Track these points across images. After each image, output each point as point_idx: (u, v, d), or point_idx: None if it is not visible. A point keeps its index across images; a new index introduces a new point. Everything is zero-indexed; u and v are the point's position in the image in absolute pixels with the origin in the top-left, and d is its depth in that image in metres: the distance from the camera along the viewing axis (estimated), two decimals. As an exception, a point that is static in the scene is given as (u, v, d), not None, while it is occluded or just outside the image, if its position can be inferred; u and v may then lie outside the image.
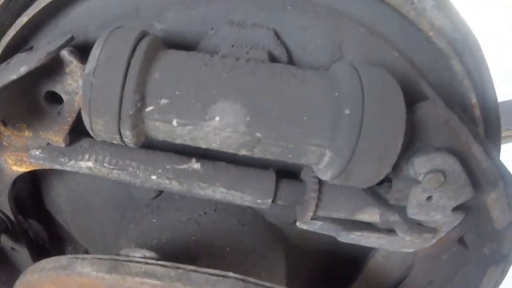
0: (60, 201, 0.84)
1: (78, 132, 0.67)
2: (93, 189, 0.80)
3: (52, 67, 0.61)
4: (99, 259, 0.58)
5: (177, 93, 0.55)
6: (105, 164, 0.66)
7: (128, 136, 0.57)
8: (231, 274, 0.58)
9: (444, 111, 0.64)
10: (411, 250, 0.77)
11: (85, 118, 0.56)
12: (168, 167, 0.66)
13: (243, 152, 0.59)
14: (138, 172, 0.66)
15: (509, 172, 0.70)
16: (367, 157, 0.56)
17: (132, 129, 0.56)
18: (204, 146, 0.59)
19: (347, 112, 0.55)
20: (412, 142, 0.65)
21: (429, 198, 0.69)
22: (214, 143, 0.58)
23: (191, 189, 0.66)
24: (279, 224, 0.82)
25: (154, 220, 0.76)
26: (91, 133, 0.58)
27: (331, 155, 0.57)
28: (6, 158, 0.70)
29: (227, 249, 0.73)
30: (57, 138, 0.66)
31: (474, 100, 0.80)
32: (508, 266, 0.83)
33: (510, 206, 0.69)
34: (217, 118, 0.55)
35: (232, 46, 0.64)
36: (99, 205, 0.82)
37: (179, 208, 0.76)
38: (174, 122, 0.56)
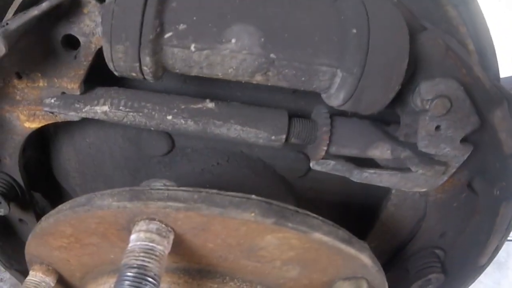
0: (69, 167, 0.84)
1: (92, 81, 0.69)
2: (104, 150, 0.80)
3: (70, 9, 0.62)
4: (120, 191, 0.58)
5: (194, 18, 0.58)
6: (120, 107, 0.67)
7: (148, 64, 0.58)
8: (253, 196, 0.58)
9: (443, 39, 0.67)
10: (424, 189, 0.78)
11: (106, 47, 0.57)
12: (183, 107, 0.67)
13: (258, 77, 0.60)
14: (153, 113, 0.67)
15: (508, 93, 0.72)
16: (376, 75, 0.58)
17: (152, 55, 0.57)
18: (220, 74, 0.60)
19: (354, 31, 0.58)
20: (416, 73, 0.68)
21: (437, 128, 0.71)
22: (230, 68, 0.59)
23: (206, 128, 0.67)
24: (289, 177, 0.82)
25: (167, 173, 0.76)
26: (110, 65, 0.59)
27: (342, 75, 0.59)
28: (18, 113, 0.71)
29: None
30: (72, 85, 0.67)
31: (471, 46, 0.84)
32: (518, 204, 0.84)
33: None
34: (233, 40, 0.57)
35: None
36: (110, 167, 0.81)
37: (192, 160, 0.76)
38: (192, 47, 0.58)
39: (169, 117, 0.67)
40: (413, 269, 0.91)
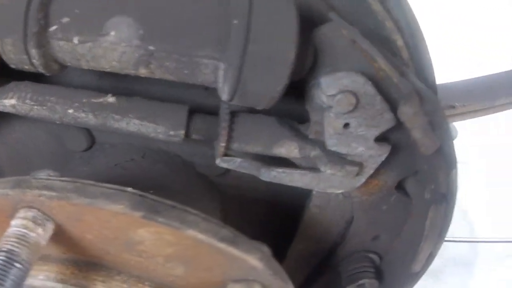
0: (2, 162, 0.87)
1: (5, 76, 0.71)
2: (30, 146, 0.82)
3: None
4: (7, 179, 0.60)
5: (77, 11, 0.59)
6: (26, 101, 0.69)
7: (35, 57, 0.59)
8: (129, 189, 0.58)
9: (348, 32, 0.64)
10: (340, 191, 0.75)
11: None
12: (84, 101, 0.68)
13: (142, 70, 0.60)
14: (56, 106, 0.68)
15: (427, 89, 0.68)
16: (257, 65, 0.57)
17: (38, 48, 0.59)
18: (107, 67, 0.61)
19: (235, 22, 0.57)
20: (317, 66, 0.65)
21: (346, 125, 0.69)
22: (113, 61, 0.60)
23: (105, 122, 0.68)
24: (210, 174, 0.81)
25: (84, 168, 0.77)
26: (4, 57, 0.61)
27: (224, 67, 0.58)
28: None
29: (151, 191, 0.73)
30: (-16, 78, 0.69)
31: (400, 42, 0.81)
32: (450, 208, 0.79)
33: (435, 127, 0.67)
34: (112, 33, 0.58)
35: None
36: (38, 162, 0.83)
37: (108, 155, 0.77)
38: (75, 40, 0.59)
39: (71, 111, 0.68)
40: (345, 273, 0.88)
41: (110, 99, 0.68)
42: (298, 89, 0.70)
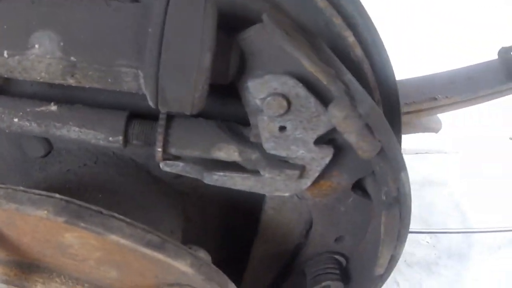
0: None
1: None
2: None
3: None
4: None
5: (5, 27, 0.61)
6: (-22, 112, 0.73)
7: None
8: (57, 195, 0.60)
9: (275, 35, 0.63)
10: (287, 194, 0.74)
11: None
12: (28, 110, 0.71)
13: (70, 80, 0.62)
14: (3, 116, 0.71)
15: (362, 90, 0.65)
16: (172, 71, 0.57)
17: None
18: (38, 78, 0.63)
19: (150, 30, 0.58)
20: (249, 69, 0.65)
21: (282, 129, 0.67)
22: (42, 72, 0.62)
23: (48, 130, 0.70)
24: (165, 177, 0.82)
25: (40, 175, 0.80)
26: None
27: (142, 75, 0.59)
28: None
29: (100, 195, 0.75)
30: None
31: (351, 38, 0.78)
32: (406, 210, 0.76)
33: (374, 130, 0.65)
34: (36, 46, 0.60)
35: None
36: (4, 170, 0.87)
37: (63, 161, 0.80)
38: (5, 54, 0.61)
39: (16, 120, 0.71)
40: (309, 274, 0.87)
41: (53, 107, 0.71)
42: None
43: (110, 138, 0.69)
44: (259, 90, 0.64)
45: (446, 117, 1.28)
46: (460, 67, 1.10)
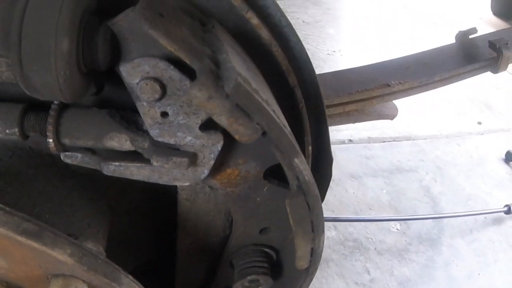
0: None
1: None
2: None
3: None
4: None
5: None
6: None
7: None
8: None
9: (135, 18, 0.60)
10: (186, 183, 0.71)
11: None
12: None
13: None
14: None
15: (237, 74, 0.61)
16: (32, 57, 0.57)
17: None
18: None
19: (14, 16, 0.58)
20: (124, 55, 0.63)
21: (164, 114, 0.65)
22: None
23: None
24: (84, 171, 0.82)
25: None
26: None
27: (12, 63, 0.60)
28: None
29: (9, 188, 0.77)
30: None
31: (254, 21, 0.75)
32: (313, 200, 0.71)
33: (251, 113, 0.61)
34: None
35: None
36: None
37: None
38: None
39: None
40: (237, 267, 0.84)
41: None
42: None
43: (7, 131, 0.71)
44: (131, 75, 0.62)
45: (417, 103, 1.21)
46: (416, 52, 1.02)
